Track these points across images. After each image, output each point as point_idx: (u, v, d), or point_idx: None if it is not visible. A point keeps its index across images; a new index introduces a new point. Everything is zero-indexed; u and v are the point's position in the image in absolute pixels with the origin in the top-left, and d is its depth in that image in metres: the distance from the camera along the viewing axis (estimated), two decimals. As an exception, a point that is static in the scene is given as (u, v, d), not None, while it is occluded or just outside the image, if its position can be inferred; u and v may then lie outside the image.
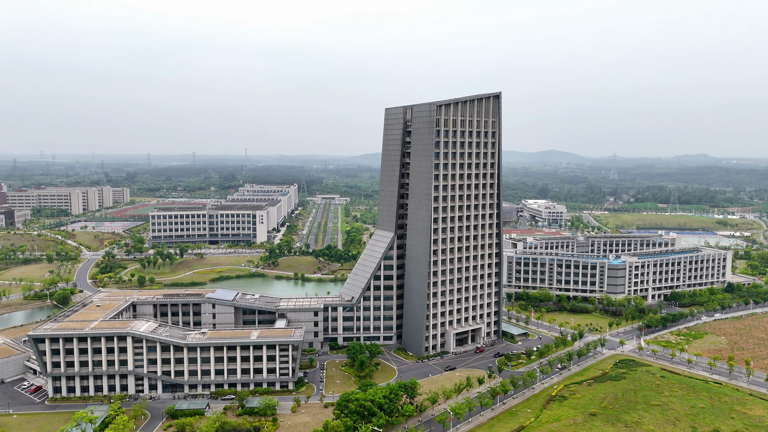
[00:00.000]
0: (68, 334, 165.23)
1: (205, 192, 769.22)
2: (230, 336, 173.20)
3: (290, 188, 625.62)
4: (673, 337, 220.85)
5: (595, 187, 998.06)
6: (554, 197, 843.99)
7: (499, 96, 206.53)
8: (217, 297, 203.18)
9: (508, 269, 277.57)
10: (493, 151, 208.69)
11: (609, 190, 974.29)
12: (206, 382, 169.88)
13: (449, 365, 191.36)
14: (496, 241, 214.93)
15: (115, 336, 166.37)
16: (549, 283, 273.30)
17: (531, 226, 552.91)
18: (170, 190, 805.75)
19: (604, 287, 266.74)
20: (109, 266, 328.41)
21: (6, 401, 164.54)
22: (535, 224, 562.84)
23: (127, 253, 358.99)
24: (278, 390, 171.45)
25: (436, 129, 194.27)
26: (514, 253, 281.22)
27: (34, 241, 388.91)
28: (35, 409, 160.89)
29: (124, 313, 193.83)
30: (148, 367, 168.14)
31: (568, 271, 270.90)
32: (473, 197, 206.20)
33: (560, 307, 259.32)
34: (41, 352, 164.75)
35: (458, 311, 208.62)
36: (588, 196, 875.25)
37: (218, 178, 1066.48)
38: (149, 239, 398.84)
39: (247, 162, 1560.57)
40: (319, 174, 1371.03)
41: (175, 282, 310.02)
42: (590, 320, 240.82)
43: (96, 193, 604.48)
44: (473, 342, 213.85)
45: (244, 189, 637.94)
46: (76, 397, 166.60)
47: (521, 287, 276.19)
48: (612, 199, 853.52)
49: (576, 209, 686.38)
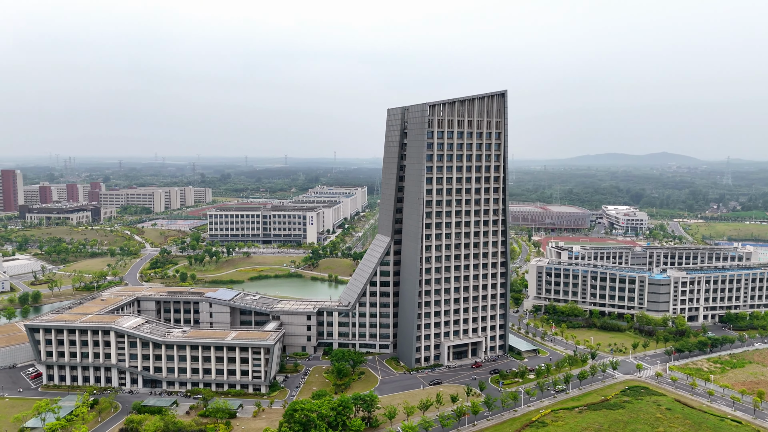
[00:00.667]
0: (59, 326, 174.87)
1: (285, 193, 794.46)
2: (206, 336, 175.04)
3: (357, 190, 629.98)
4: (707, 364, 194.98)
5: (699, 193, 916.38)
6: (648, 203, 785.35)
7: (504, 94, 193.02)
8: (215, 296, 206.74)
9: (537, 280, 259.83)
10: (497, 153, 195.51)
11: (715, 196, 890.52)
12: (183, 380, 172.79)
13: (436, 379, 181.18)
14: (502, 250, 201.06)
15: (100, 330, 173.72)
16: (582, 297, 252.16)
17: (605, 234, 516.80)
18: (254, 191, 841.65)
19: (644, 304, 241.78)
20: (161, 262, 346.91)
21: (6, 384, 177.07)
22: (610, 232, 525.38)
23: (181, 250, 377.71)
24: (250, 393, 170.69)
25: (428, 130, 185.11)
26: (544, 264, 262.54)
27: (106, 236, 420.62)
28: (28, 394, 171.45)
29: (127, 308, 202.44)
30: (129, 362, 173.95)
31: (603, 285, 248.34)
32: (473, 202, 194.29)
33: (590, 324, 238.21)
34: (36, 341, 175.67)
35: (456, 323, 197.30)
36: (688, 203, 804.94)
37: (304, 179, 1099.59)
38: (207, 237, 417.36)
39: (336, 165, 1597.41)
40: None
41: (215, 279, 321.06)
42: (619, 339, 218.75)
43: (178, 193, 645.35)
44: (474, 356, 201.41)
45: (314, 191, 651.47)
46: (65, 386, 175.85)
47: (551, 300, 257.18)
48: (716, 207, 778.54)
49: (669, 217, 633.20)
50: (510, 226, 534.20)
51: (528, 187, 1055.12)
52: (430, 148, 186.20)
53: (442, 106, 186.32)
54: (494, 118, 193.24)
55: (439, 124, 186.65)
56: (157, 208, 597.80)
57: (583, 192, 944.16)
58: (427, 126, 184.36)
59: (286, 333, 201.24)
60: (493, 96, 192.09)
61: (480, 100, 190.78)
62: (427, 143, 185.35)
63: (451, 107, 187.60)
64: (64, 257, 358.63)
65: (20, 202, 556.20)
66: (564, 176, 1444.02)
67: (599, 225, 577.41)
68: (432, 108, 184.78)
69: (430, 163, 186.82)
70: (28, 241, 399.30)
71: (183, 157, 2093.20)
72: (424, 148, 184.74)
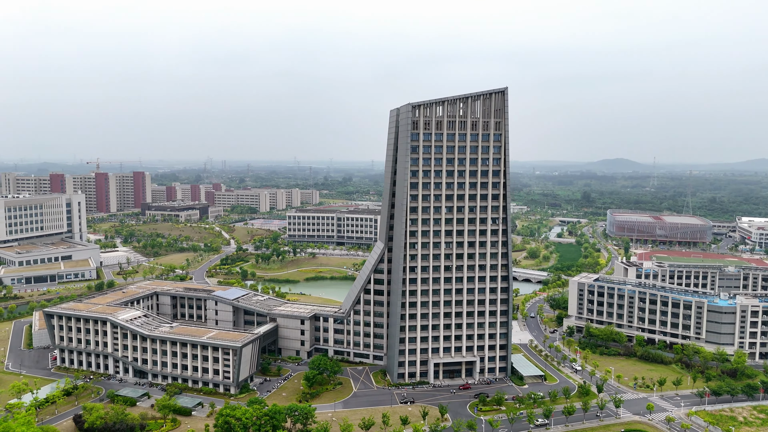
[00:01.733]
0: (69, 314, 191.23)
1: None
2: (187, 333, 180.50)
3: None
4: (748, 414, 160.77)
5: None
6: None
7: (504, 92, 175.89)
8: (221, 295, 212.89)
9: (578, 299, 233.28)
10: (497, 156, 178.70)
11: None
12: (165, 373, 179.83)
13: (409, 398, 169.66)
14: (503, 263, 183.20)
15: (99, 320, 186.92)
16: (628, 321, 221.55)
17: (730, 251, 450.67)
18: (363, 193, 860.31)
19: (702, 334, 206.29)
20: (233, 259, 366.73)
21: (31, 363, 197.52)
22: (735, 248, 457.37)
23: (256, 249, 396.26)
24: (221, 392, 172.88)
25: (413, 132, 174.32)
26: (587, 280, 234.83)
27: (199, 233, 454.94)
28: (41, 374, 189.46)
29: (144, 300, 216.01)
30: (122, 352, 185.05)
31: (653, 309, 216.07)
32: (467, 209, 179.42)
33: (630, 352, 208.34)
34: (51, 326, 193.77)
35: (447, 339, 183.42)
36: None
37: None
38: (286, 238, 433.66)
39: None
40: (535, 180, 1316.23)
41: (274, 278, 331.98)
42: (657, 373, 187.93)
43: (283, 195, 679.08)
44: (468, 376, 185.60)
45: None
46: (73, 369, 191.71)
47: (593, 322, 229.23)
48: None
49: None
50: (612, 236, 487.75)
51: (666, 194, 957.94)
52: (415, 151, 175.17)
53: (431, 106, 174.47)
54: (493, 118, 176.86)
55: (426, 126, 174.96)
56: (262, 208, 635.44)
57: (730, 201, 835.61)
58: (411, 127, 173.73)
59: (282, 336, 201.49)
60: (491, 94, 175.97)
61: (476, 99, 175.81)
62: (412, 146, 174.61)
63: (441, 107, 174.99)
64: (156, 251, 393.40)
65: (148, 200, 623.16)
66: (721, 182, 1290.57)
67: (728, 239, 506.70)
68: (417, 108, 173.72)
69: (415, 166, 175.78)
70: (133, 234, 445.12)
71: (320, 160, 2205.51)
72: (408, 150, 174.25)
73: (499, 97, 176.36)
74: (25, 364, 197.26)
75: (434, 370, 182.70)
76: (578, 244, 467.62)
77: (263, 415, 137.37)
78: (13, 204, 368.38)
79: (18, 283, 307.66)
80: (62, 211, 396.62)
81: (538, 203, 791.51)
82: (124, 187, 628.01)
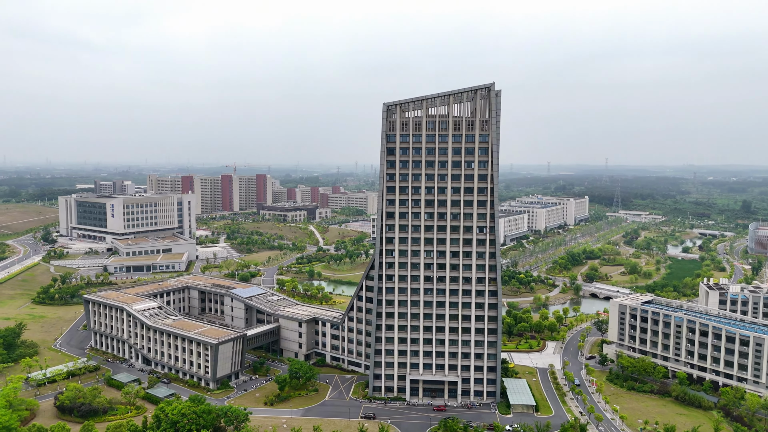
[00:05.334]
0: (99, 300, 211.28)
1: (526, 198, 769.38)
2: (181, 327, 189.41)
3: (568, 201, 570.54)
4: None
5: None
6: None
7: (491, 88, 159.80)
8: (237, 293, 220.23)
9: (619, 324, 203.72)
10: (483, 159, 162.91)
11: None
12: (164, 363, 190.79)
13: (369, 413, 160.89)
14: (491, 276, 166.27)
15: (118, 308, 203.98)
16: (675, 354, 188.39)
17: None
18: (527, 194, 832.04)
19: (762, 378, 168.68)
20: (308, 259, 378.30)
21: (75, 343, 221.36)
22: None
23: (336, 249, 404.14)
24: (202, 386, 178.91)
25: (389, 133, 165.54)
26: (629, 302, 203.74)
27: (295, 233, 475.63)
28: (77, 353, 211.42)
29: (175, 293, 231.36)
30: (133, 339, 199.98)
31: (703, 341, 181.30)
32: (449, 216, 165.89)
33: (664, 391, 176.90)
34: (88, 311, 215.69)
35: (427, 355, 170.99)
36: None
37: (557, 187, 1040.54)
38: (371, 240, 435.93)
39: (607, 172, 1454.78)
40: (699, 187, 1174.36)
41: (338, 279, 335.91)
42: (689, 420, 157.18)
43: None
44: (452, 397, 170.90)
45: (524, 199, 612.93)
46: (101, 351, 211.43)
47: (635, 350, 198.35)
48: None
49: None
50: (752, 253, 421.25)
51: None
52: (392, 153, 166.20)
53: (408, 105, 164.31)
54: (478, 117, 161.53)
55: (403, 127, 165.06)
56: (369, 210, 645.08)
57: None
58: (387, 128, 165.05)
59: (283, 337, 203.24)
60: (476, 90, 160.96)
61: (458, 97, 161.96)
62: (388, 148, 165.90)
63: (420, 106, 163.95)
64: (250, 248, 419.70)
65: (268, 201, 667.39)
66: None
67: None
68: (392, 108, 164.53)
69: (391, 170, 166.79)
70: (237, 232, 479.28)
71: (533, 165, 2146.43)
72: (385, 152, 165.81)
73: (484, 93, 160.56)
74: (71, 343, 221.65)
75: (412, 387, 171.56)
76: (701, 260, 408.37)
77: (191, 413, 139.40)
78: (130, 202, 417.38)
79: (119, 271, 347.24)
80: (174, 209, 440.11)
81: (680, 212, 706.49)
82: (248, 189, 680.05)
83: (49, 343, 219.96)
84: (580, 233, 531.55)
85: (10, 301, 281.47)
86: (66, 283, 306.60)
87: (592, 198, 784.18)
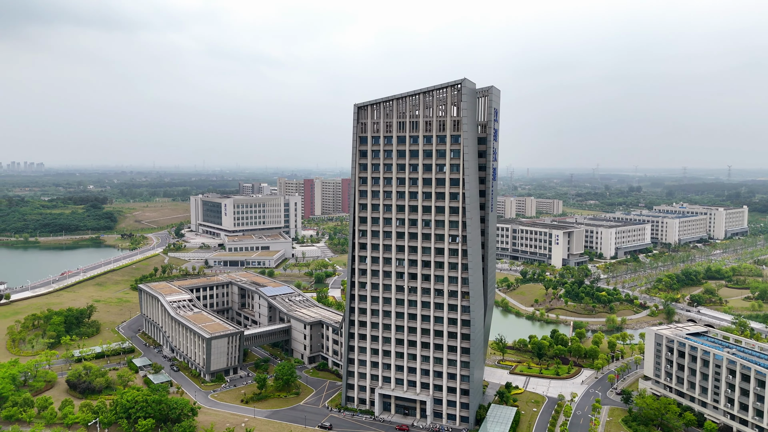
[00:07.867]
0: (145, 290, 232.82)
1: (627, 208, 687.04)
2: (192, 319, 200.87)
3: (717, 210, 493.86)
4: None
5: None
6: None
7: (459, 86, 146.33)
8: (265, 291, 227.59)
9: (655, 357, 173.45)
10: (455, 162, 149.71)
11: None
12: (181, 352, 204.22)
13: (327, 423, 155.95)
14: (464, 290, 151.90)
15: (156, 298, 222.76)
16: (714, 398, 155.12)
17: None
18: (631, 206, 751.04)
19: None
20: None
21: (134, 327, 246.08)
22: None
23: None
24: (199, 378, 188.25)
25: (361, 135, 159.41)
26: (666, 332, 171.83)
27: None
28: (131, 336, 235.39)
29: (218, 288, 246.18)
30: (164, 327, 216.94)
31: (745, 386, 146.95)
32: (420, 224, 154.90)
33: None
34: (141, 299, 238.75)
35: (399, 369, 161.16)
36: None
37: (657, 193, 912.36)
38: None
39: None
40: None
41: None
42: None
43: (513, 203, 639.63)
44: (423, 418, 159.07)
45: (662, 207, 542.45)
46: (147, 336, 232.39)
47: (671, 390, 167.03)
48: None
49: None
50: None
51: None
52: (364, 156, 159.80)
53: (377, 106, 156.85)
54: (449, 117, 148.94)
55: (375, 128, 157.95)
56: (507, 215, 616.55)
57: None
58: (359, 131, 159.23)
59: (293, 338, 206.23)
60: (444, 89, 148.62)
61: (427, 96, 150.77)
62: (360, 150, 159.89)
63: (390, 107, 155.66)
64: (344, 248, 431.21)
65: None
66: None
67: None
68: (361, 110, 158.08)
69: (363, 173, 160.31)
70: (338, 232, 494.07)
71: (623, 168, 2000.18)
72: (356, 156, 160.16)
73: (454, 92, 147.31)
74: (132, 327, 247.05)
75: (385, 402, 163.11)
76: None
77: (142, 401, 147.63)
78: (240, 202, 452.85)
79: (217, 264, 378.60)
80: (281, 209, 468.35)
81: None
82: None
83: (114, 325, 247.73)
84: (723, 248, 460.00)
85: (113, 286, 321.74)
86: (166, 273, 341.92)
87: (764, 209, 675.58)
